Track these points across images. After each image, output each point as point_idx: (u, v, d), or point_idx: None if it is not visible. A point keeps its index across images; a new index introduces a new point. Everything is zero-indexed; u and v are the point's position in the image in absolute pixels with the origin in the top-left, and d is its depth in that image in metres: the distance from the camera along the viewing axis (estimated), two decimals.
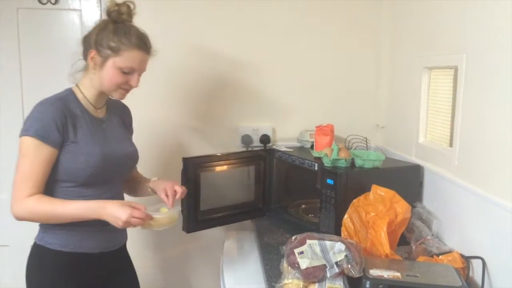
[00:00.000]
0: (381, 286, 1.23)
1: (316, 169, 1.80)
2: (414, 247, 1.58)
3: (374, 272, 1.27)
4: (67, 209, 1.37)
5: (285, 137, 2.30)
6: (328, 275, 1.30)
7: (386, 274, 1.26)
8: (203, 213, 1.86)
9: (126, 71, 1.43)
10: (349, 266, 1.28)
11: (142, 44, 1.45)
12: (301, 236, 1.37)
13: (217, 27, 2.21)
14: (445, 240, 1.64)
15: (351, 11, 2.27)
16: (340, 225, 1.54)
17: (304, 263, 1.31)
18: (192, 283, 2.42)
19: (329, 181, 1.68)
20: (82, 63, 1.49)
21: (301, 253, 1.32)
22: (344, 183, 1.65)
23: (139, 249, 2.22)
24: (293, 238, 1.38)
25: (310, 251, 1.32)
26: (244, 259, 1.85)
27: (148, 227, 1.43)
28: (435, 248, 1.54)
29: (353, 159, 1.75)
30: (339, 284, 1.30)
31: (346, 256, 1.29)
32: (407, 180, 1.81)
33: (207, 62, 2.22)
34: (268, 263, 1.60)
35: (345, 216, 1.54)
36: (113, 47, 1.41)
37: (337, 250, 1.31)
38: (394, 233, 1.51)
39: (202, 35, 2.20)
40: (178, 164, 1.79)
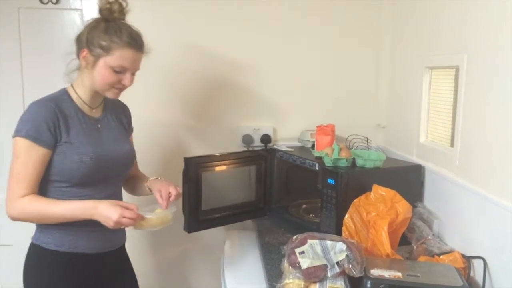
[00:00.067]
0: (382, 286, 1.23)
1: (317, 169, 1.80)
2: (415, 247, 1.58)
3: (375, 272, 1.27)
4: (59, 209, 1.37)
5: (286, 136, 2.30)
6: (329, 275, 1.30)
7: (387, 274, 1.26)
8: (204, 213, 1.86)
9: (118, 70, 1.41)
10: (350, 266, 1.28)
11: (133, 42, 1.42)
12: (302, 236, 1.37)
13: (218, 27, 2.21)
14: (446, 240, 1.64)
15: (351, 11, 2.27)
16: (341, 225, 1.54)
17: (305, 263, 1.31)
18: (192, 283, 2.42)
19: (330, 181, 1.68)
20: (76, 62, 1.47)
21: (302, 252, 1.32)
22: (345, 183, 1.65)
23: (138, 249, 2.22)
24: (294, 238, 1.38)
25: (311, 251, 1.32)
26: (245, 259, 1.84)
27: (139, 227, 1.41)
28: (436, 248, 1.54)
29: (354, 159, 1.75)
30: (340, 284, 1.30)
31: (347, 256, 1.29)
32: (408, 180, 1.81)
33: (208, 62, 2.22)
34: (269, 263, 1.60)
35: (346, 216, 1.54)
36: (104, 46, 1.38)
37: (338, 250, 1.31)
38: (395, 233, 1.51)
39: (202, 35, 2.20)
40: (178, 164, 1.78)
